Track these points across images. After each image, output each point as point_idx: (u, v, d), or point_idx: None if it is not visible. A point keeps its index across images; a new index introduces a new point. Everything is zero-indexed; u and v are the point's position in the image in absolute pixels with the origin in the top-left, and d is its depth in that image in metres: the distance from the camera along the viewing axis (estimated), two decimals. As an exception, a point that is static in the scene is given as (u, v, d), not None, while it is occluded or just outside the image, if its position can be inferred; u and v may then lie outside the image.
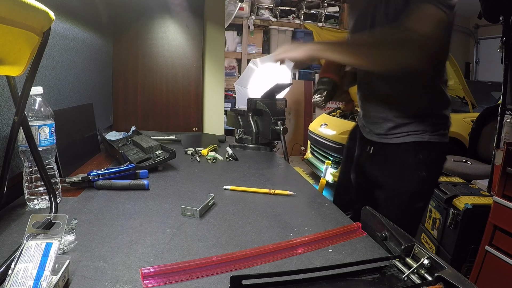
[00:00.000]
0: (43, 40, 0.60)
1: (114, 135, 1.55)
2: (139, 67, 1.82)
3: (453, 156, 2.89)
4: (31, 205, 0.80)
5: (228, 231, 0.73)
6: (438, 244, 1.94)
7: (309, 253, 0.64)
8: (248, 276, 0.51)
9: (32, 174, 0.79)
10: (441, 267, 0.52)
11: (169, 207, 0.84)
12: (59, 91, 1.16)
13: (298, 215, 0.82)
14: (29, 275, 0.48)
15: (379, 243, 0.68)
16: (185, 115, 1.90)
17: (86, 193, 0.92)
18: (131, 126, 1.64)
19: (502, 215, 1.50)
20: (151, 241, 0.67)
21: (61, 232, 0.55)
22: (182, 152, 1.42)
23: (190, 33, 1.84)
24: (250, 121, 1.32)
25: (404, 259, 0.58)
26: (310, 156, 4.04)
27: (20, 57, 0.58)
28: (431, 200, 2.01)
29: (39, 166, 0.71)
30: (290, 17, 5.20)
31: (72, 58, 1.27)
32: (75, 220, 0.74)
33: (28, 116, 0.76)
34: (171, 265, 0.54)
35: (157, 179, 1.06)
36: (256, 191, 0.98)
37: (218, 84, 1.96)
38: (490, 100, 3.87)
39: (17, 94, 0.63)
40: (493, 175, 2.16)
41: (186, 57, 1.85)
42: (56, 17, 0.63)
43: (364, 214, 0.74)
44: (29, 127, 0.69)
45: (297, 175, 1.19)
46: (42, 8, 0.57)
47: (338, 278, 0.55)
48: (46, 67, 1.06)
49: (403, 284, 0.55)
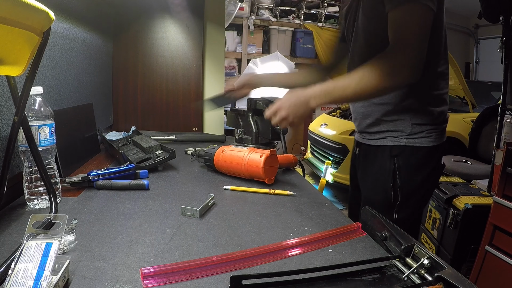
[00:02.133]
0: (43, 40, 0.60)
1: (114, 135, 1.55)
2: (139, 67, 1.83)
3: (453, 156, 2.89)
4: (31, 205, 0.80)
5: (228, 231, 0.73)
6: (438, 244, 1.94)
7: (309, 253, 0.64)
8: (248, 276, 0.51)
9: (32, 174, 0.79)
10: (441, 267, 0.52)
11: (169, 207, 0.84)
12: (59, 91, 1.16)
13: (298, 215, 0.82)
14: (29, 275, 0.48)
15: (379, 243, 0.68)
16: (185, 115, 1.90)
17: (86, 193, 0.92)
18: (131, 126, 1.65)
19: (502, 215, 1.50)
20: (151, 241, 0.67)
21: (61, 232, 0.55)
22: (182, 152, 1.43)
23: (190, 33, 1.84)
24: (250, 121, 1.32)
25: (404, 259, 0.58)
26: (310, 156, 4.04)
27: (20, 57, 0.58)
28: (431, 200, 2.01)
29: (39, 166, 0.71)
30: (290, 17, 5.19)
31: (72, 58, 1.27)
32: (75, 220, 0.74)
33: (28, 116, 0.76)
34: (171, 265, 0.54)
35: (157, 179, 1.06)
36: (256, 191, 0.98)
37: (218, 84, 1.96)
38: (490, 100, 3.87)
39: (17, 94, 0.63)
40: (493, 175, 2.16)
41: (186, 57, 1.85)
42: (56, 17, 0.63)
43: (364, 214, 0.74)
44: (29, 127, 0.69)
45: (297, 175, 1.19)
46: (42, 8, 0.57)
47: (338, 278, 0.55)
48: (46, 67, 1.06)
49: (403, 284, 0.55)
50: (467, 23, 5.69)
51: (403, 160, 0.98)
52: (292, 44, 5.25)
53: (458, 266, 1.77)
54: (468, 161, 2.80)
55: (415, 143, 0.98)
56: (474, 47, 5.89)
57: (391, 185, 0.99)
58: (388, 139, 1.01)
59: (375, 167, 1.04)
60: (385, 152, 1.01)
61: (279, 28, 5.12)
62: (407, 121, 0.98)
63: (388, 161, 1.00)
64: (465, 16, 5.41)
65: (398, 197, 0.99)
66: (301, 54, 5.24)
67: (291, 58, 5.00)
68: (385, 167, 1.00)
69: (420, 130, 0.97)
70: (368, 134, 1.07)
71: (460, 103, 3.73)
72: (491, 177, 2.20)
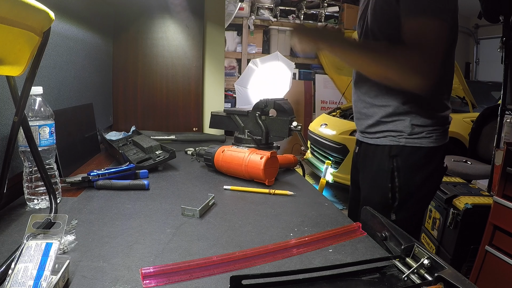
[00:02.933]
0: (43, 40, 0.60)
1: (114, 135, 1.55)
2: (139, 67, 1.82)
3: (453, 156, 2.89)
4: (31, 205, 0.80)
5: (228, 231, 0.73)
6: (438, 244, 1.94)
7: (309, 253, 0.64)
8: (248, 276, 0.51)
9: (32, 174, 0.79)
10: (441, 267, 0.52)
11: (169, 207, 0.84)
12: (59, 91, 1.16)
13: (298, 215, 0.82)
14: (29, 275, 0.48)
15: (379, 243, 0.68)
16: (185, 115, 1.90)
17: (86, 193, 0.92)
18: (131, 126, 1.65)
19: (502, 215, 1.50)
20: (151, 241, 0.67)
21: (61, 232, 0.55)
22: (182, 152, 1.43)
23: (190, 33, 1.84)
24: (258, 122, 1.33)
25: (404, 259, 0.58)
26: (310, 156, 4.04)
27: (20, 57, 0.58)
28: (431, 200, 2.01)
29: (39, 166, 0.71)
30: (290, 17, 5.19)
31: (72, 58, 1.27)
32: (75, 220, 0.74)
33: (28, 116, 0.76)
34: (171, 265, 0.54)
35: (157, 179, 1.06)
36: (256, 191, 0.98)
37: (218, 84, 1.96)
38: (490, 100, 3.87)
39: (17, 94, 0.63)
40: (493, 175, 2.16)
41: (186, 57, 1.85)
42: (56, 17, 0.63)
43: (364, 214, 0.74)
44: (29, 127, 0.69)
45: (297, 175, 1.19)
46: (42, 8, 0.57)
47: (338, 278, 0.55)
48: (46, 67, 1.06)
49: (403, 284, 0.55)
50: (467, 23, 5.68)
51: (402, 160, 0.97)
52: (292, 44, 5.25)
53: (458, 266, 1.77)
54: (468, 161, 2.80)
55: (415, 143, 0.96)
56: (474, 47, 5.89)
57: (389, 185, 0.98)
58: (387, 139, 1.00)
59: (374, 167, 1.04)
60: (384, 151, 1.00)
61: (279, 28, 5.12)
62: (407, 121, 0.97)
63: (386, 161, 0.99)
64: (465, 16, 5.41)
65: (396, 198, 0.98)
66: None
67: (291, 58, 4.99)
68: (384, 167, 0.99)
69: (421, 131, 0.97)
70: (368, 133, 1.07)
71: (460, 103, 3.73)
72: (491, 177, 2.20)
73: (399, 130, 0.98)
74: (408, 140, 0.97)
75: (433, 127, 0.97)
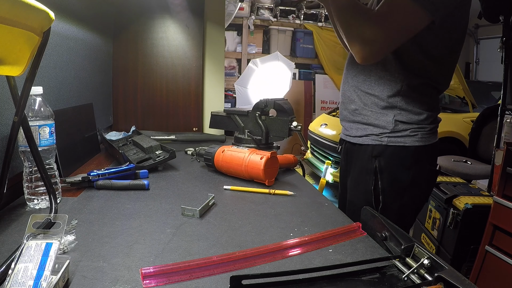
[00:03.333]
0: (43, 40, 0.60)
1: (114, 135, 1.55)
2: (139, 67, 1.82)
3: (453, 156, 2.89)
4: (31, 205, 0.80)
5: (228, 231, 0.73)
6: (438, 244, 1.94)
7: (309, 253, 0.64)
8: (248, 276, 0.51)
9: (32, 174, 0.79)
10: (441, 267, 0.52)
11: (169, 207, 0.84)
12: (59, 91, 1.16)
13: (298, 215, 0.82)
14: (29, 275, 0.48)
15: (379, 243, 0.68)
16: (185, 115, 1.90)
17: (86, 193, 0.92)
18: (131, 126, 1.65)
19: (502, 215, 1.50)
20: (151, 241, 0.67)
21: (61, 232, 0.55)
22: (182, 152, 1.43)
23: (190, 33, 1.84)
24: (258, 122, 1.33)
25: (404, 259, 0.58)
26: (310, 156, 4.04)
27: (20, 57, 0.58)
28: (431, 200, 2.02)
29: (39, 166, 0.71)
30: (290, 17, 5.19)
31: (72, 58, 1.27)
32: (75, 220, 0.74)
33: (28, 116, 0.76)
34: (171, 265, 0.54)
35: (157, 179, 1.06)
36: (256, 191, 0.98)
37: (218, 84, 1.96)
38: (490, 100, 3.87)
39: (17, 94, 0.63)
40: (493, 175, 2.16)
41: (186, 57, 1.85)
42: (56, 17, 0.63)
43: (364, 214, 0.74)
44: (29, 127, 0.69)
45: (297, 175, 1.19)
46: (42, 8, 0.57)
47: (338, 278, 0.55)
48: (46, 67, 1.06)
49: (403, 284, 0.55)
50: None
51: (384, 161, 0.93)
52: (292, 44, 5.25)
53: (458, 266, 1.77)
54: (468, 161, 2.80)
55: (398, 142, 0.93)
56: (474, 47, 5.88)
57: (372, 188, 0.95)
58: (369, 138, 0.96)
59: (356, 168, 1.01)
60: (366, 152, 0.97)
61: (279, 28, 5.13)
62: (391, 116, 0.93)
63: (369, 162, 0.95)
64: (465, 16, 5.40)
65: (380, 201, 0.95)
66: (301, 54, 5.24)
67: (291, 58, 5.00)
68: (366, 169, 0.96)
69: (404, 128, 0.93)
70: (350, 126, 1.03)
71: (460, 103, 3.73)
72: (491, 177, 2.20)
73: (381, 126, 0.94)
74: (390, 139, 0.93)
75: (418, 125, 0.93)
